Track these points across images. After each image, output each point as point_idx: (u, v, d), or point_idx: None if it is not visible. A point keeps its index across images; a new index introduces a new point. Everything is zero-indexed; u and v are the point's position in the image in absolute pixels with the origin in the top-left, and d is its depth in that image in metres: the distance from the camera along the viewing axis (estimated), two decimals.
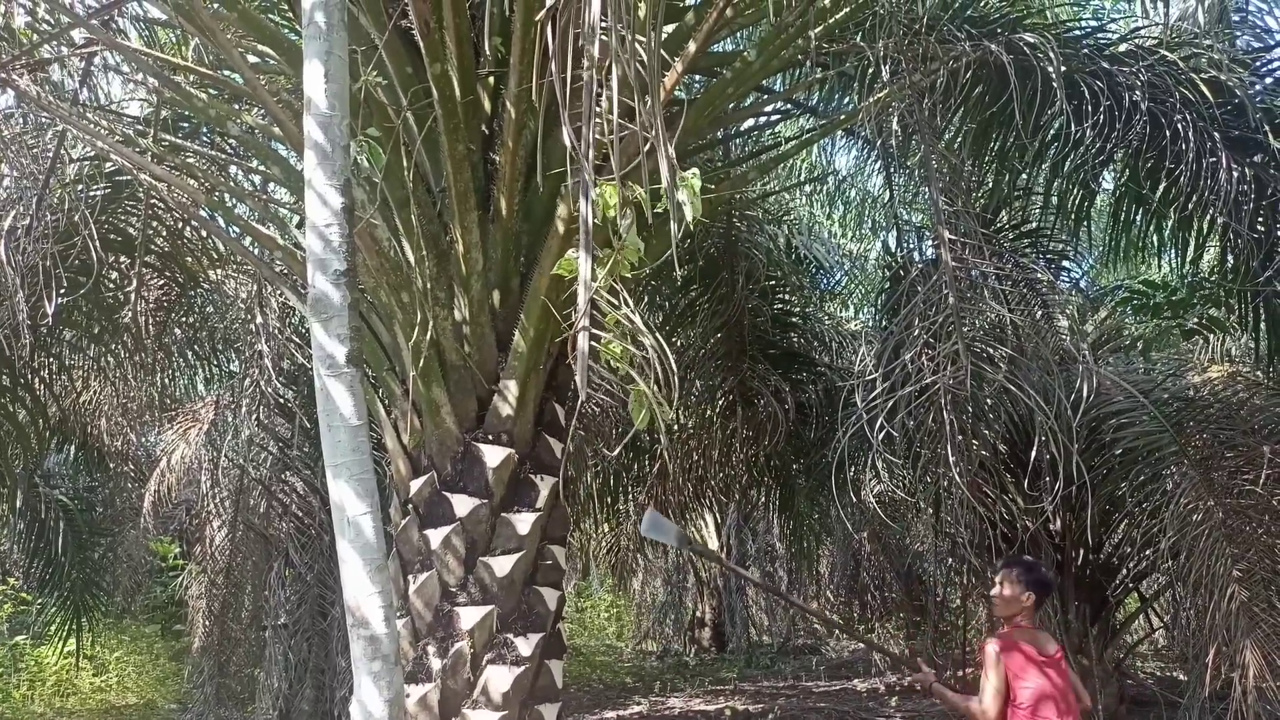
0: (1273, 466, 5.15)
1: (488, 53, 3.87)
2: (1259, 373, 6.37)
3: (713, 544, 14.50)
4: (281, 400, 8.80)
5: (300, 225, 6.05)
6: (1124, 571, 7.73)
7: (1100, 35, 5.50)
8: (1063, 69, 4.54)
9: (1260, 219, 5.06)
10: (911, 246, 6.75)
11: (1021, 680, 3.52)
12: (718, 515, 13.48)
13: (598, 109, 1.83)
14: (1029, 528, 6.12)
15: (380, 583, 2.29)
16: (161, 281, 7.48)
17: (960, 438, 4.32)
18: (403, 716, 2.34)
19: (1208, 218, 5.18)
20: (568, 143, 1.74)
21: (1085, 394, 3.88)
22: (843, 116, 5.41)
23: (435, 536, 3.90)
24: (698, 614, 15.01)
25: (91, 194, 6.35)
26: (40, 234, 4.66)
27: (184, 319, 7.98)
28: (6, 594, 11.82)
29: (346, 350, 2.34)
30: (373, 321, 4.24)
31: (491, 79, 4.05)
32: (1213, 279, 5.92)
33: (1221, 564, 5.18)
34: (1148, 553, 6.94)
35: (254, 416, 8.15)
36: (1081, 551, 7.66)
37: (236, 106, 4.91)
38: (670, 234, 1.90)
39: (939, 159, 3.93)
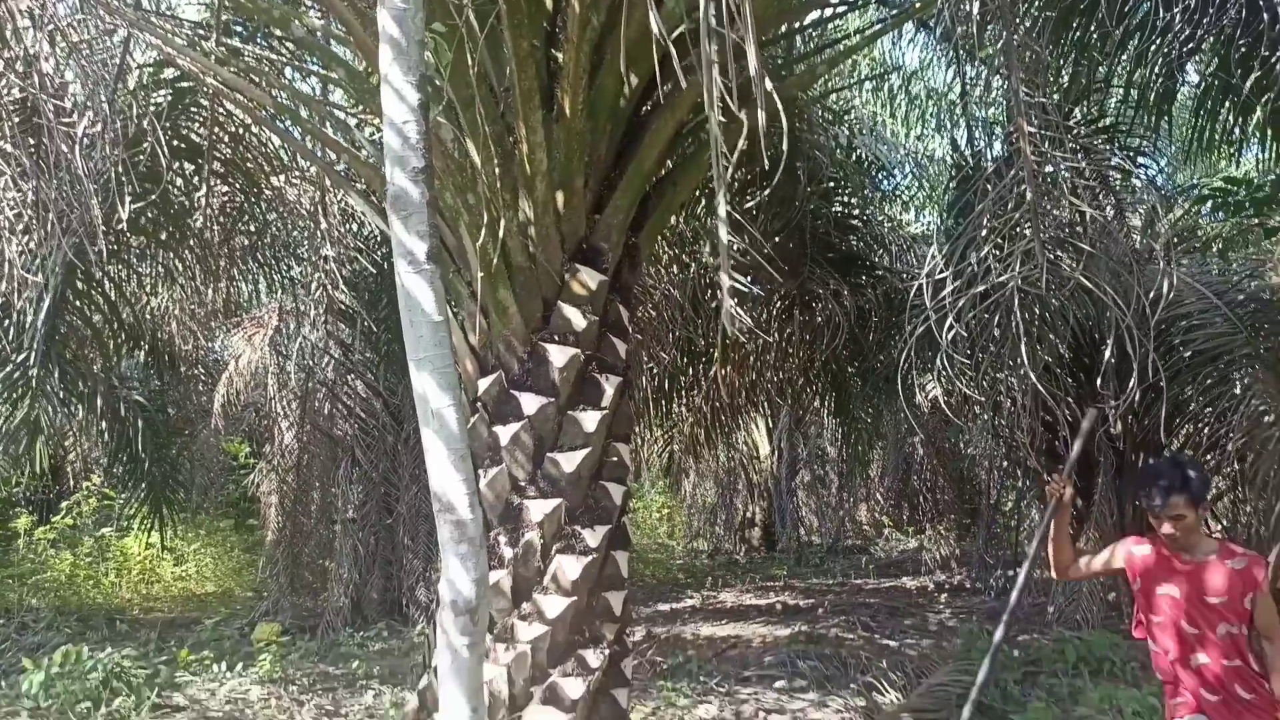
0: None
1: None
2: None
3: (764, 448, 14.66)
4: (343, 305, 8.99)
5: (360, 128, 6.06)
6: None
7: None
8: None
9: None
10: (984, 142, 6.53)
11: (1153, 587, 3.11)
12: (770, 419, 13.60)
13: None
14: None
15: (464, 470, 2.37)
16: (225, 189, 7.59)
17: (1026, 339, 4.27)
18: (488, 594, 2.46)
19: None
20: (655, 29, 1.71)
21: (1165, 292, 3.79)
22: (917, 5, 5.18)
23: (504, 433, 4.00)
24: (748, 515, 15.29)
25: (155, 100, 6.41)
26: (110, 139, 4.73)
27: (246, 226, 8.11)
28: (90, 490, 12.50)
29: (426, 246, 2.37)
30: (438, 223, 4.27)
31: None
32: None
33: None
34: (1209, 457, 6.87)
35: (320, 321, 8.33)
36: (1141, 455, 7.61)
37: (298, 7, 4.87)
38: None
39: (1019, 47, 3.76)
